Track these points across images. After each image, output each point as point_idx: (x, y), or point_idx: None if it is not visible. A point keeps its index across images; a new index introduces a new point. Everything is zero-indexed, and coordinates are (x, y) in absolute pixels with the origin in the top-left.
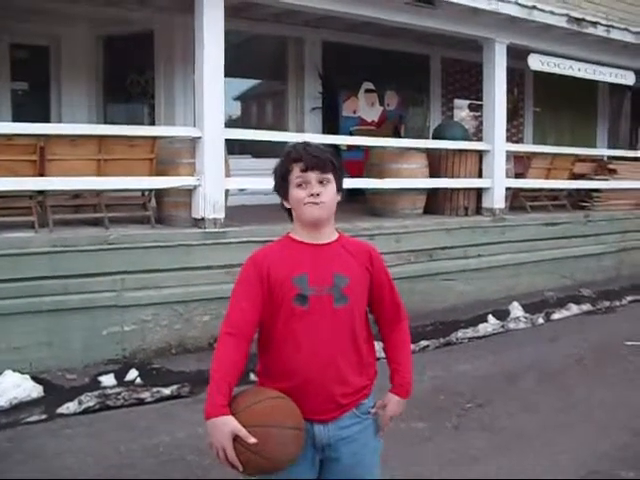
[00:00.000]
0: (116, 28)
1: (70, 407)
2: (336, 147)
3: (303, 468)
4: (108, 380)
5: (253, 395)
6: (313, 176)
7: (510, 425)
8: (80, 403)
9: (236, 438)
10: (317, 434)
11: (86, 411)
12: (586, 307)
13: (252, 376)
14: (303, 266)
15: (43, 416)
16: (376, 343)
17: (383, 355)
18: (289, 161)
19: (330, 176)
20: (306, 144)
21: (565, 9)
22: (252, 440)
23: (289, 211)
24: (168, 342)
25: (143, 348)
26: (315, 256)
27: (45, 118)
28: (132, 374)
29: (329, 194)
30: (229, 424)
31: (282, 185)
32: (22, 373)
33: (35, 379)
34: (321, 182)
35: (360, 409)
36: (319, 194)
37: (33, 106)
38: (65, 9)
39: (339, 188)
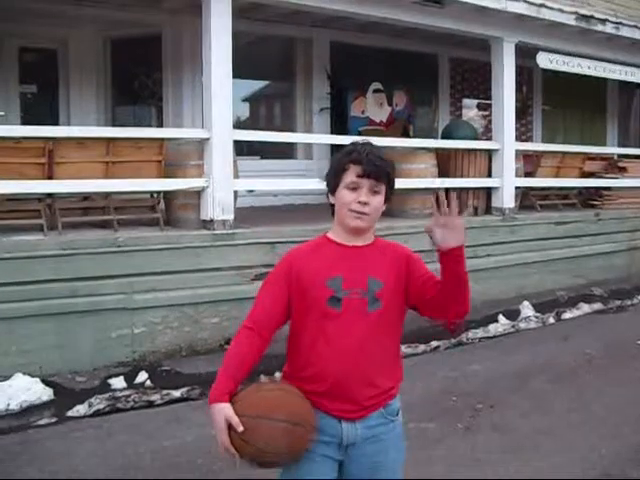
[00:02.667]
0: (124, 30)
1: (80, 410)
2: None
3: (324, 468)
4: (118, 383)
5: (256, 386)
6: (367, 184)
7: (521, 425)
8: (90, 406)
9: (230, 425)
10: (345, 432)
11: (96, 414)
12: (597, 306)
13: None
14: (338, 268)
15: (53, 419)
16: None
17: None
18: (348, 160)
19: (383, 186)
20: (369, 147)
21: (574, 7)
22: (240, 428)
23: (332, 206)
24: (178, 344)
25: (153, 350)
26: (350, 258)
27: (53, 121)
28: (142, 376)
29: (376, 204)
30: (224, 411)
31: (333, 180)
32: (32, 376)
33: (45, 382)
34: (373, 191)
35: (387, 410)
36: (367, 203)
37: (41, 109)
38: (73, 12)
39: (387, 198)
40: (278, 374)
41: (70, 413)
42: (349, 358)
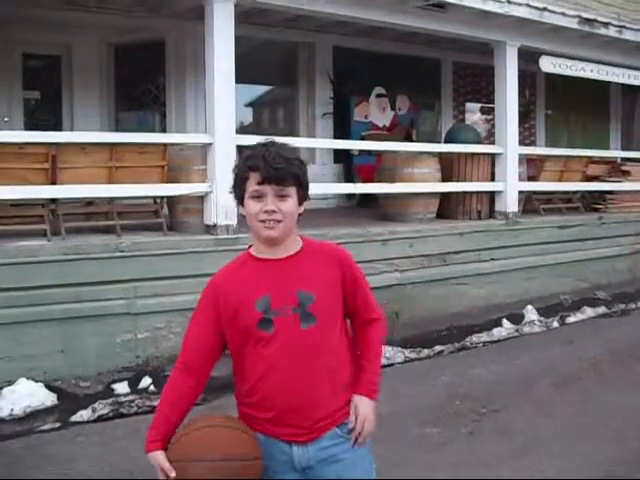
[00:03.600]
0: (127, 36)
1: (84, 415)
2: (348, 152)
3: None
4: (121, 388)
5: (190, 425)
6: (270, 190)
7: (525, 430)
8: (94, 411)
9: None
10: (295, 456)
11: (100, 419)
12: (601, 310)
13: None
14: (264, 287)
15: (57, 424)
16: None
17: None
18: (246, 167)
19: (291, 189)
20: (268, 148)
21: (576, 10)
22: (172, 474)
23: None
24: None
25: (156, 355)
26: (276, 274)
27: (57, 126)
28: (145, 381)
29: (287, 210)
30: (156, 459)
31: (238, 191)
32: (36, 381)
33: (49, 387)
34: (280, 196)
35: (343, 428)
36: (275, 211)
37: (45, 115)
38: (77, 18)
39: (302, 200)
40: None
41: (74, 418)
42: (291, 381)
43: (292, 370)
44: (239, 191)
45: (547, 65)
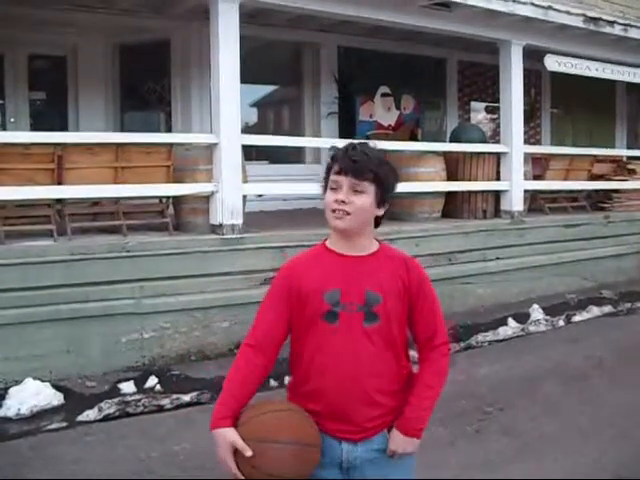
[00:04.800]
0: (132, 37)
1: (90, 414)
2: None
3: None
4: (128, 387)
5: (259, 407)
6: (346, 182)
7: (531, 429)
8: (100, 410)
9: (237, 451)
10: (345, 453)
11: (106, 418)
12: (607, 309)
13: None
14: (335, 280)
15: (63, 423)
16: None
17: None
18: (331, 159)
19: (366, 185)
20: (354, 144)
21: (581, 9)
22: (248, 453)
23: None
24: (187, 349)
25: (162, 355)
26: (348, 270)
27: (63, 127)
28: (152, 381)
29: (360, 204)
30: (228, 436)
31: (324, 182)
32: (43, 381)
33: (55, 387)
34: (355, 190)
35: None
36: (344, 202)
37: (51, 115)
38: (82, 19)
39: (380, 201)
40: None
41: (80, 418)
42: (346, 376)
43: (348, 365)
44: (324, 182)
45: (552, 64)
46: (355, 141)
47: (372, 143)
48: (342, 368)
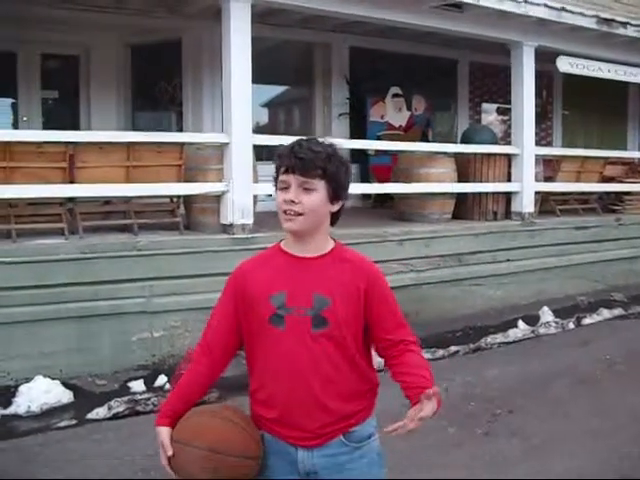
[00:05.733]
0: (144, 37)
1: (100, 412)
2: (364, 152)
3: None
4: (137, 386)
5: (193, 411)
6: (294, 180)
7: (540, 431)
8: (110, 408)
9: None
10: (300, 459)
11: (115, 416)
12: (618, 312)
13: None
14: (283, 282)
15: (73, 421)
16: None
17: None
18: (278, 158)
19: (317, 183)
20: (300, 141)
21: (594, 10)
22: (168, 452)
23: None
24: None
25: (172, 354)
26: (297, 272)
27: (74, 126)
28: (161, 380)
29: (310, 203)
30: (159, 434)
31: (274, 182)
32: (52, 379)
33: (65, 385)
34: (304, 188)
35: (350, 437)
36: (294, 201)
37: (63, 114)
38: (94, 19)
39: (333, 197)
40: None
41: (90, 416)
42: (296, 382)
43: (297, 371)
44: (274, 182)
45: (564, 65)
46: (376, 143)
47: (322, 138)
48: (292, 374)
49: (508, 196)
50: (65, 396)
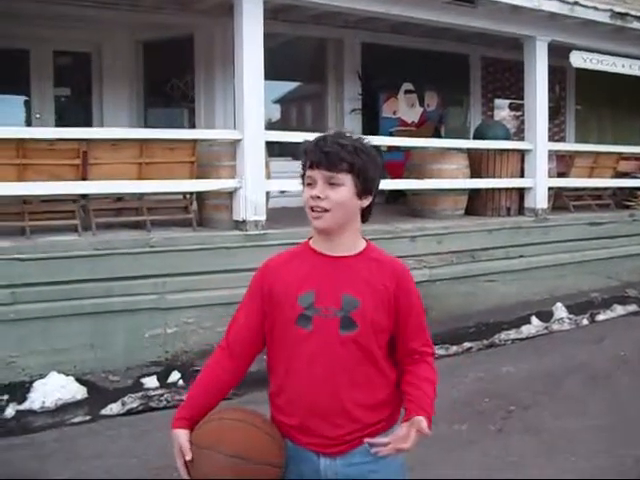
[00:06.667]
0: (156, 33)
1: (113, 408)
2: (376, 148)
3: None
4: (151, 382)
5: (214, 413)
6: (319, 175)
7: (555, 428)
8: (123, 404)
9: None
10: (322, 468)
11: (129, 412)
12: (632, 308)
13: None
14: (312, 281)
15: (87, 417)
16: None
17: None
18: (303, 153)
19: (342, 177)
20: (326, 135)
21: (609, 4)
22: (187, 457)
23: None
24: (210, 344)
25: (185, 350)
26: (326, 271)
27: (87, 123)
28: (174, 376)
29: (337, 198)
30: (177, 437)
31: (302, 178)
32: (66, 375)
33: (79, 381)
34: (330, 183)
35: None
36: (320, 197)
37: (75, 111)
38: (106, 16)
39: (362, 192)
40: None
41: (104, 412)
42: (320, 387)
43: (322, 376)
44: (302, 179)
45: (578, 60)
46: (387, 139)
47: (349, 132)
48: (317, 378)
49: (521, 192)
50: (79, 392)
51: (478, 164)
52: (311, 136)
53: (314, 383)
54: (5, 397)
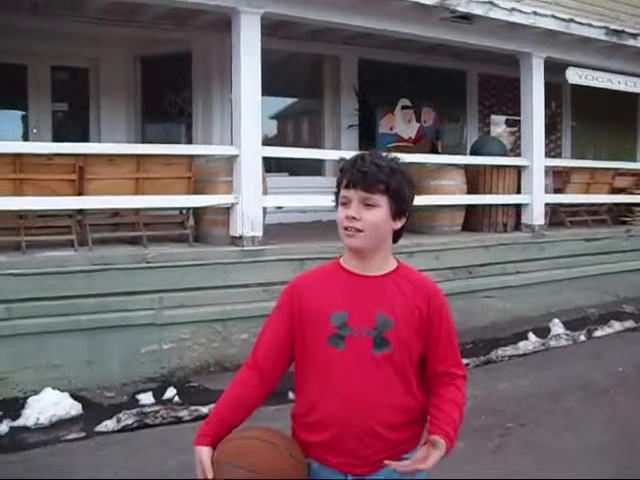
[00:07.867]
0: (154, 49)
1: (108, 425)
2: None
3: None
4: (146, 398)
5: (237, 432)
6: (355, 195)
7: (552, 445)
8: (118, 421)
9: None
10: None
11: (124, 429)
12: (629, 324)
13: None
14: (345, 301)
15: (82, 434)
16: None
17: None
18: (340, 172)
19: (378, 197)
20: (364, 154)
21: (604, 21)
22: (209, 476)
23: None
24: (206, 360)
25: (181, 366)
26: (359, 291)
27: (84, 138)
28: (170, 392)
29: (371, 220)
30: (200, 454)
31: (336, 197)
32: (61, 391)
33: (74, 397)
34: (366, 204)
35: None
36: (355, 218)
37: (73, 126)
38: (104, 32)
39: (396, 214)
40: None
41: (98, 428)
42: (352, 406)
43: (354, 395)
44: (336, 197)
45: (574, 77)
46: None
47: (386, 152)
48: (348, 398)
49: (518, 208)
50: (74, 408)
51: (475, 180)
52: (308, 152)
53: (346, 402)
54: None
